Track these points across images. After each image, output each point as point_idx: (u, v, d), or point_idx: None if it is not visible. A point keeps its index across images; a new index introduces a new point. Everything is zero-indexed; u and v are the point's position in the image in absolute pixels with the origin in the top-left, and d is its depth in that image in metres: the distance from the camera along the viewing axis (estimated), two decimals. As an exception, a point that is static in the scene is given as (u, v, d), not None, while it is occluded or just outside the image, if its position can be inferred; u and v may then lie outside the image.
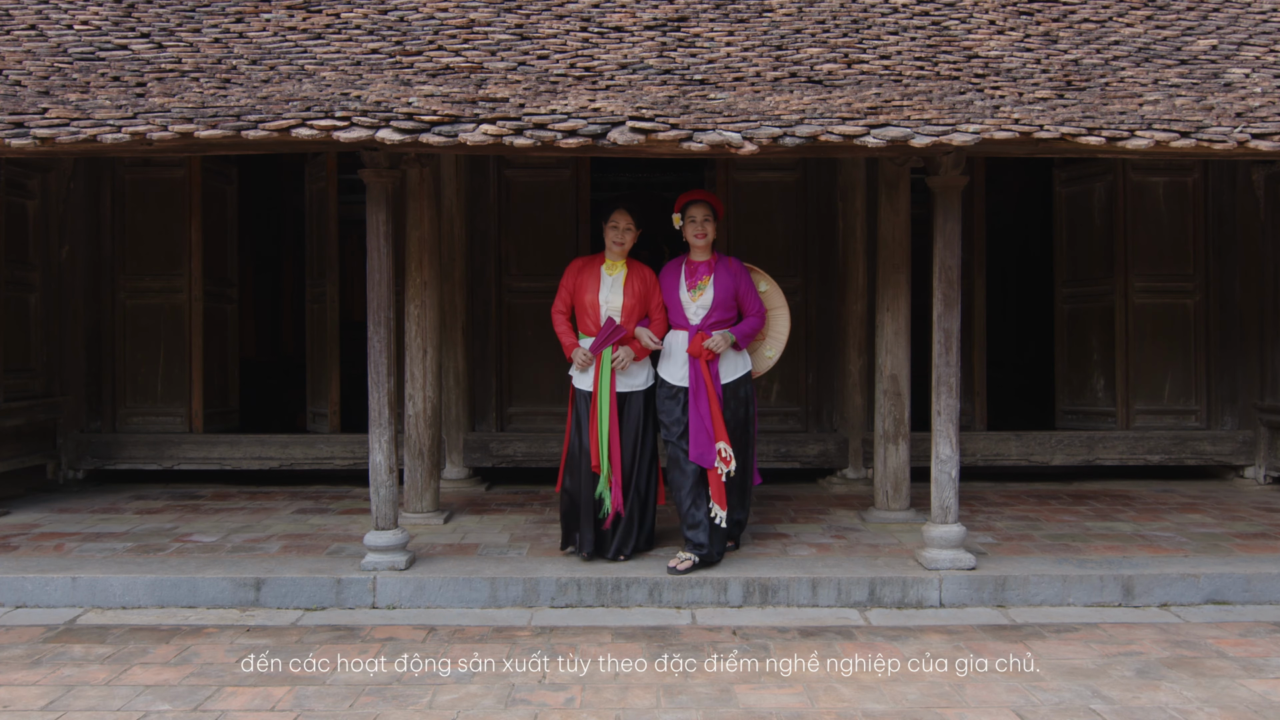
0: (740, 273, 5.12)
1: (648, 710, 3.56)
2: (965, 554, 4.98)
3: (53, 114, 5.01)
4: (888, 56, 6.01)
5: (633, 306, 5.05)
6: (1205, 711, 3.56)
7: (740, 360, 5.13)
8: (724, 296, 5.02)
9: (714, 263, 5.11)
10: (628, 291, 5.07)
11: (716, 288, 5.03)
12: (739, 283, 5.08)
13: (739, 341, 5.05)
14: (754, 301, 5.12)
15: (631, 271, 5.14)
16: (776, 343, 5.33)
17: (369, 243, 5.12)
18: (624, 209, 5.17)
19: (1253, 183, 7.25)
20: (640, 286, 5.09)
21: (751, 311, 5.11)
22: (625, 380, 5.06)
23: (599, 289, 5.09)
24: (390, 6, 6.59)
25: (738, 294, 5.06)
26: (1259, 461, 7.30)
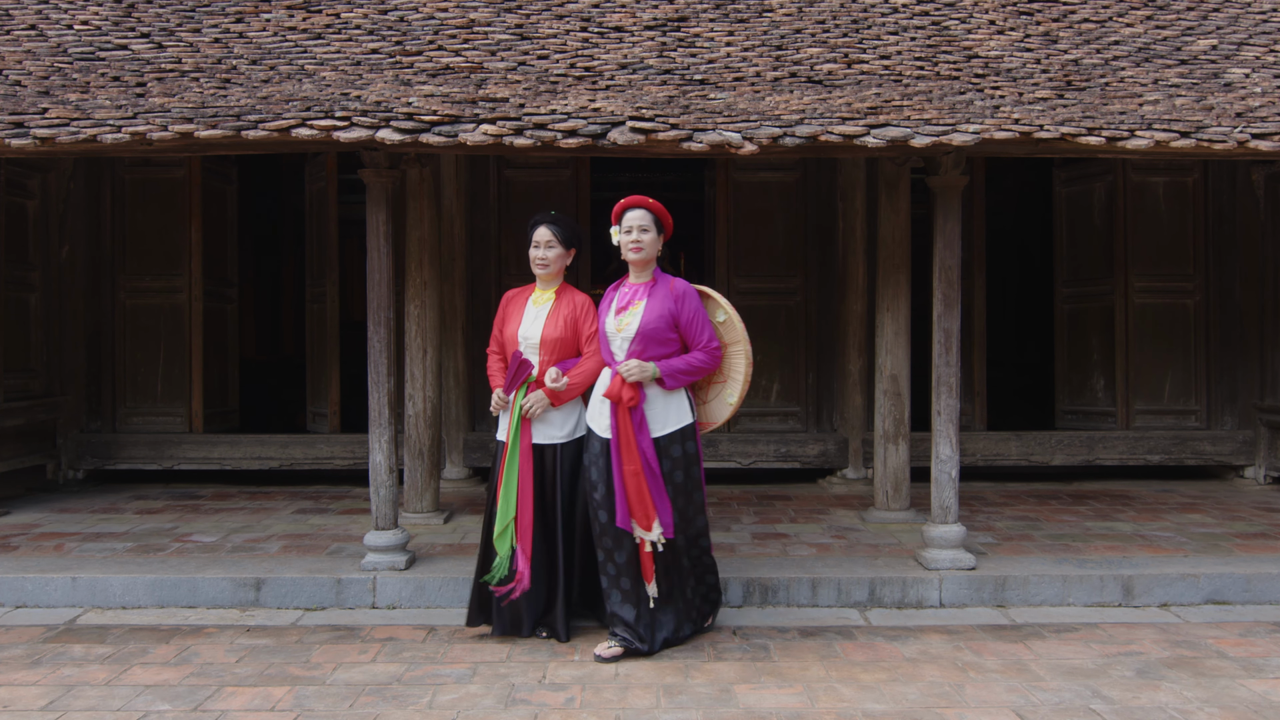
0: (685, 297, 4.12)
1: (648, 710, 3.56)
2: (965, 554, 4.98)
3: (53, 114, 5.01)
4: (888, 56, 6.01)
5: (555, 341, 4.23)
6: (1205, 711, 3.56)
7: (676, 407, 4.12)
8: (655, 325, 4.07)
9: (651, 285, 4.18)
10: (550, 323, 4.25)
11: (646, 314, 4.09)
12: (681, 308, 4.10)
13: (666, 378, 4.05)
14: (702, 332, 4.12)
15: (560, 300, 4.31)
16: (737, 385, 4.25)
17: (369, 243, 5.12)
18: (546, 224, 4.31)
19: (1253, 183, 7.25)
20: (569, 316, 4.26)
21: (698, 344, 4.12)
22: (543, 430, 4.24)
23: (521, 321, 4.31)
24: (390, 6, 6.59)
25: (677, 322, 4.10)
26: (1259, 461, 7.30)
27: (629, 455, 3.99)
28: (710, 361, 4.15)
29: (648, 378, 4.05)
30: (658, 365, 4.05)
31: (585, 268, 7.50)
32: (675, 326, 4.11)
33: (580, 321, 4.29)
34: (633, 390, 4.03)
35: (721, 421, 4.33)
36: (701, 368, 4.13)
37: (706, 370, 4.16)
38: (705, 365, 4.14)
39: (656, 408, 4.09)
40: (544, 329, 4.25)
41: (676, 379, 4.09)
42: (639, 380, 4.04)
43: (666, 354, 4.11)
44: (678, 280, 4.18)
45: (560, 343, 4.24)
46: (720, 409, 4.33)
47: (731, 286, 7.43)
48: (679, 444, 4.12)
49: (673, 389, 4.11)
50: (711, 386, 4.34)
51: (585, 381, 4.22)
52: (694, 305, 4.14)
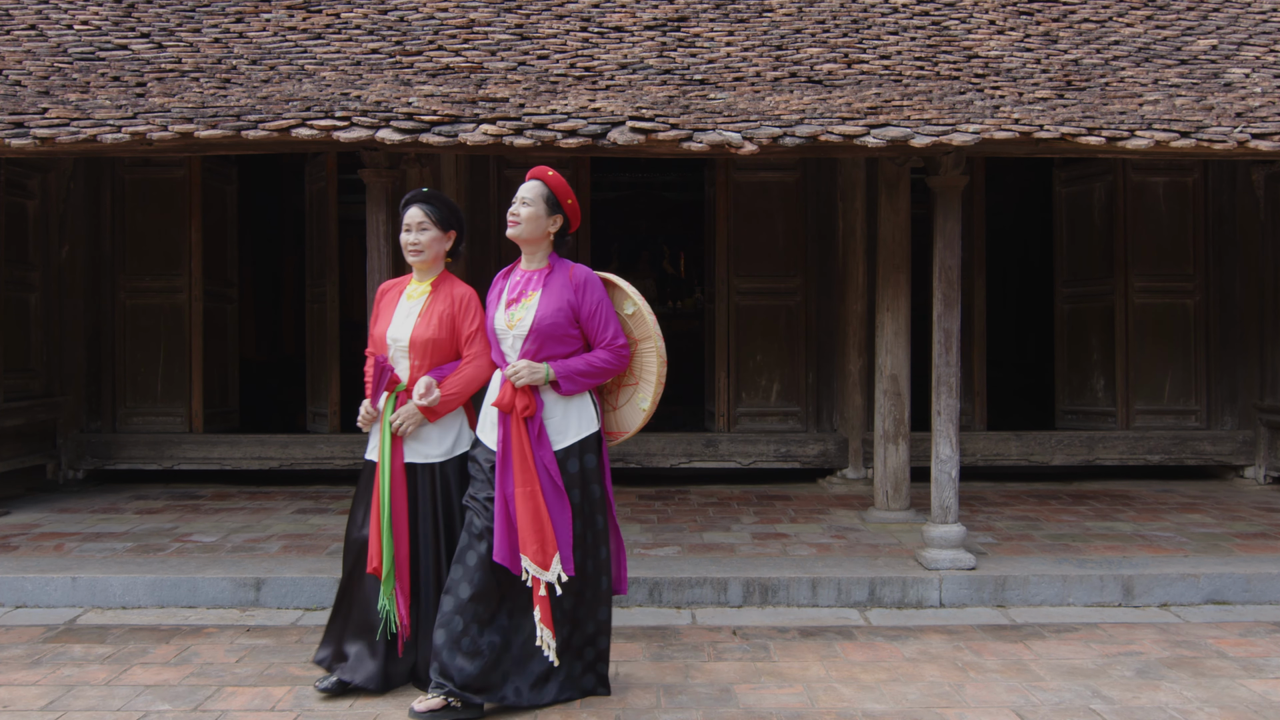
0: (586, 286, 3.52)
1: (648, 710, 3.56)
2: (965, 554, 4.98)
3: (53, 114, 5.01)
4: (888, 56, 6.01)
5: (428, 342, 3.60)
6: (1205, 711, 3.56)
7: (579, 415, 3.52)
8: (552, 320, 3.46)
9: (548, 272, 3.58)
10: (422, 322, 3.62)
11: (541, 307, 3.48)
12: (582, 300, 3.50)
13: (562, 382, 3.45)
14: (606, 327, 3.51)
15: (437, 293, 3.67)
16: (650, 388, 3.61)
17: (369, 243, 5.13)
18: (417, 203, 3.69)
19: (1253, 183, 7.25)
20: (446, 313, 3.63)
21: (603, 341, 3.50)
22: (416, 447, 3.62)
23: (391, 319, 3.70)
24: (390, 6, 6.59)
25: (578, 316, 3.50)
26: (1259, 461, 7.30)
27: (523, 473, 3.38)
28: (616, 361, 3.52)
29: (540, 381, 3.44)
30: (552, 366, 3.45)
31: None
32: (576, 321, 3.51)
33: (460, 318, 3.65)
34: (526, 397, 3.44)
35: (633, 431, 3.69)
36: (606, 369, 3.51)
37: (612, 372, 3.54)
38: (610, 366, 3.51)
39: (556, 417, 3.49)
40: (414, 328, 3.61)
41: (575, 383, 3.47)
42: (531, 385, 3.45)
43: (567, 353, 3.50)
44: (578, 267, 3.58)
45: (434, 344, 3.61)
46: (632, 415, 3.67)
47: (731, 286, 7.43)
48: (576, 457, 3.49)
49: (572, 394, 3.50)
50: (621, 390, 3.69)
51: (466, 390, 3.64)
52: (597, 296, 3.52)
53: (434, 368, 3.63)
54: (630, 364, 3.62)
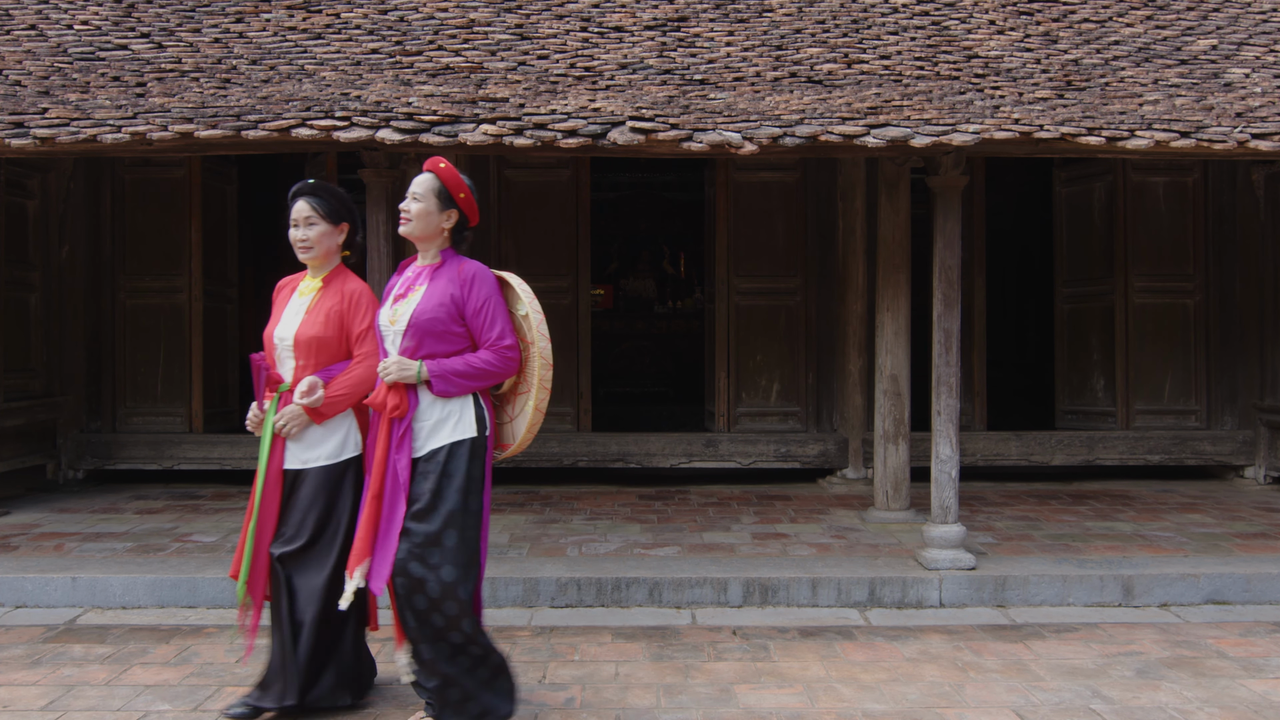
0: (473, 282, 3.29)
1: (648, 710, 3.56)
2: (965, 554, 4.98)
3: (53, 114, 5.01)
4: (888, 56, 6.01)
5: (314, 341, 3.40)
6: (1205, 711, 3.56)
7: (456, 419, 3.25)
8: (432, 315, 3.24)
9: (437, 266, 3.36)
10: (308, 319, 3.43)
11: (423, 301, 3.27)
12: (468, 295, 3.27)
13: (435, 381, 3.21)
14: (492, 327, 3.26)
15: (327, 290, 3.49)
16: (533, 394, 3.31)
17: (369, 243, 5.12)
18: (304, 196, 3.53)
19: (1253, 183, 7.25)
20: (335, 310, 3.44)
21: (487, 341, 3.26)
22: (299, 450, 3.41)
23: (281, 317, 3.52)
24: (390, 6, 6.59)
25: (463, 313, 3.27)
26: (1259, 461, 7.30)
27: (375, 476, 3.21)
28: (500, 364, 3.25)
29: (410, 378, 3.21)
30: (426, 365, 3.22)
31: (585, 267, 7.51)
32: (460, 318, 3.27)
33: (349, 316, 3.45)
34: (397, 396, 3.21)
35: (518, 443, 3.37)
36: (488, 370, 3.24)
37: (496, 374, 3.27)
38: (493, 368, 3.25)
39: (430, 419, 3.24)
40: (299, 326, 3.42)
41: (451, 383, 3.21)
42: (402, 382, 3.22)
43: (449, 352, 3.27)
44: (469, 262, 3.37)
45: (321, 343, 3.41)
46: (521, 425, 3.37)
47: (731, 286, 7.43)
48: (440, 462, 3.21)
49: (448, 395, 3.24)
50: (518, 398, 3.38)
51: (355, 391, 3.40)
52: (484, 293, 3.28)
53: (322, 368, 3.42)
54: (524, 369, 3.34)
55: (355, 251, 3.66)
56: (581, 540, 5.53)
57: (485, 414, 3.31)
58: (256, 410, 3.45)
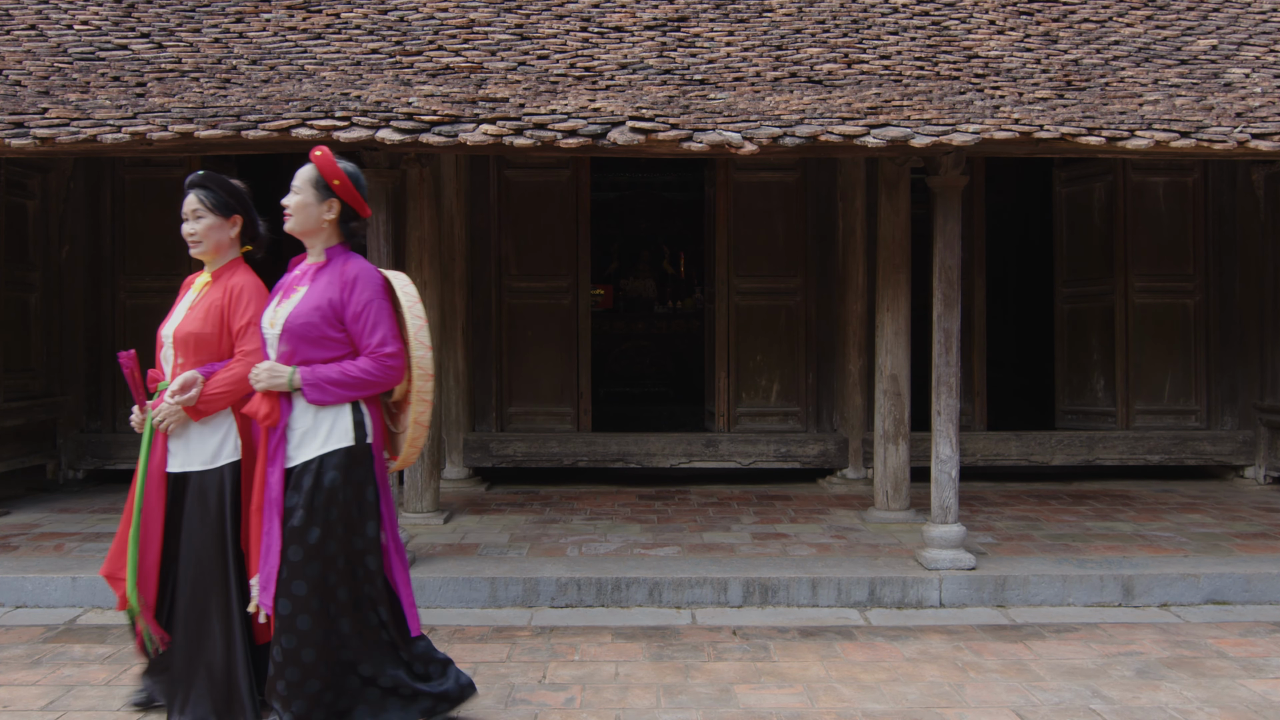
0: (355, 283, 3.10)
1: (648, 710, 3.56)
2: (965, 554, 4.98)
3: (53, 114, 5.01)
4: (888, 56, 6.01)
5: (194, 338, 3.28)
6: (1205, 711, 3.56)
7: (330, 428, 3.07)
8: (308, 319, 3.07)
9: (320, 266, 3.20)
10: (190, 315, 3.32)
11: (300, 304, 3.11)
12: (348, 298, 3.08)
13: (308, 389, 3.04)
14: (373, 333, 3.07)
15: (215, 284, 3.37)
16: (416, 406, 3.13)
17: (369, 243, 5.12)
18: (193, 189, 3.39)
19: (1253, 183, 7.25)
20: (217, 305, 3.30)
21: (367, 348, 3.08)
22: (180, 452, 3.29)
23: (173, 312, 3.43)
24: (390, 6, 6.59)
25: (342, 317, 3.08)
26: (1259, 461, 7.30)
27: (257, 489, 3.10)
28: (379, 372, 3.06)
29: (281, 386, 3.05)
30: (300, 372, 3.05)
31: (585, 267, 7.51)
32: (340, 323, 3.10)
33: (230, 311, 3.30)
34: (268, 404, 3.06)
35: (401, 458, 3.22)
36: (366, 379, 3.05)
37: (376, 383, 3.07)
38: (371, 377, 3.06)
39: (303, 428, 3.07)
40: (180, 323, 3.32)
41: (325, 391, 3.03)
42: (273, 390, 3.06)
43: (328, 358, 3.09)
44: (354, 263, 3.16)
45: (199, 340, 3.28)
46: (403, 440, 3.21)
47: (731, 286, 7.43)
48: (313, 474, 3.04)
49: (323, 404, 3.06)
50: (408, 408, 3.18)
51: (234, 390, 3.23)
52: (366, 295, 3.09)
53: (203, 365, 3.28)
54: (413, 377, 3.13)
55: (258, 246, 3.53)
56: (581, 540, 5.53)
57: (366, 420, 3.13)
58: (138, 410, 3.34)
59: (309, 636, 3.01)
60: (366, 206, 3.26)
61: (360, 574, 3.10)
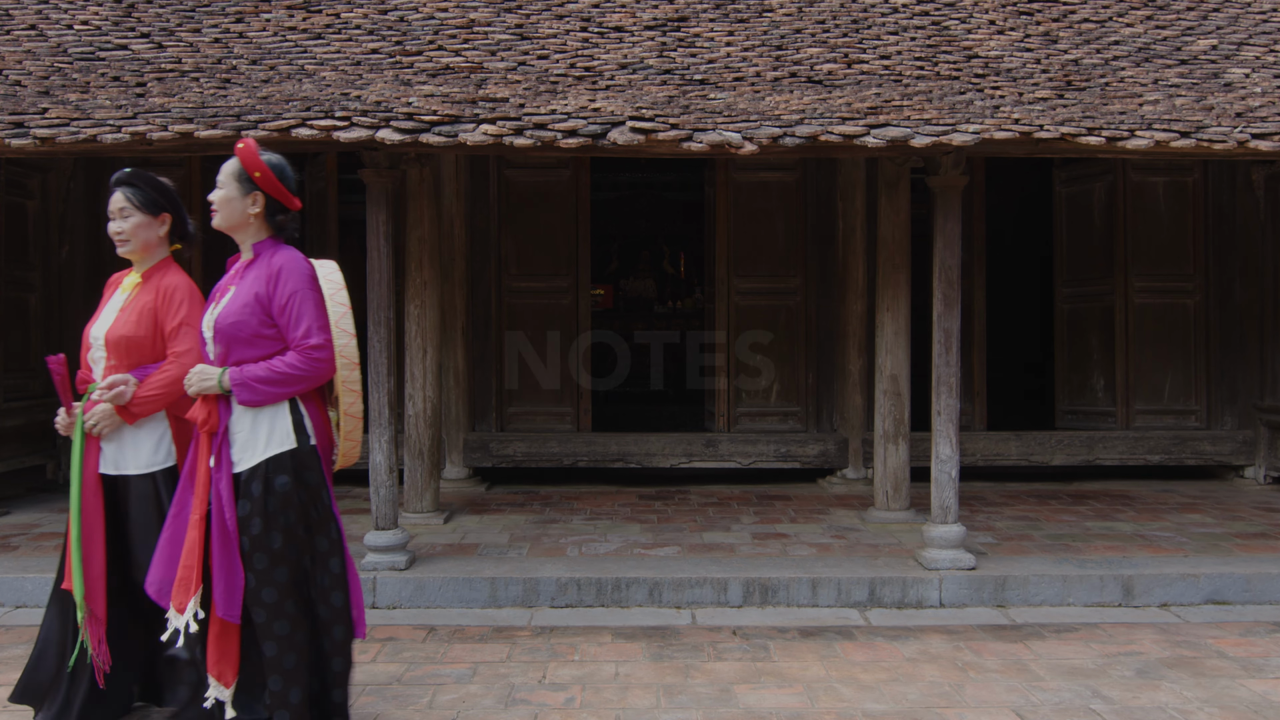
0: (280, 275, 3.00)
1: (648, 710, 3.56)
2: (965, 554, 4.98)
3: (53, 114, 5.01)
4: (888, 56, 6.01)
5: (125, 340, 3.19)
6: (1205, 711, 3.56)
7: (270, 429, 2.98)
8: (238, 317, 2.98)
9: (250, 262, 3.12)
10: (120, 316, 3.23)
11: (230, 301, 3.03)
12: (275, 291, 2.99)
13: (237, 390, 2.94)
14: (297, 325, 2.97)
15: (145, 284, 3.27)
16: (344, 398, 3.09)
17: (369, 243, 5.12)
18: (119, 187, 3.29)
19: (1253, 183, 7.25)
20: (149, 306, 3.21)
21: (293, 341, 2.97)
22: (114, 455, 3.20)
23: (101, 313, 3.33)
24: (390, 6, 6.59)
25: (270, 310, 2.98)
26: (1259, 461, 7.30)
27: (199, 498, 2.95)
28: (307, 366, 2.94)
29: (212, 389, 2.95)
30: (229, 372, 2.94)
31: (585, 267, 7.51)
32: (269, 318, 2.99)
33: (162, 312, 3.22)
34: (205, 409, 2.97)
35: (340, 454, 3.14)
36: (294, 375, 2.94)
37: (305, 378, 2.95)
38: (299, 372, 2.94)
39: (244, 431, 2.97)
40: (112, 325, 3.21)
41: (256, 392, 2.93)
42: (206, 393, 2.97)
43: (263, 357, 2.98)
44: (281, 253, 3.06)
45: (131, 343, 3.18)
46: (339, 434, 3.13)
47: (731, 286, 7.44)
48: (260, 480, 2.94)
49: (256, 404, 2.95)
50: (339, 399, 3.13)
51: (167, 392, 3.16)
52: (290, 287, 2.97)
53: (136, 368, 3.21)
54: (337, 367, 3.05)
55: (188, 245, 3.45)
56: (581, 540, 5.53)
57: (306, 421, 3.03)
58: (64, 414, 3.22)
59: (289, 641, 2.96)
60: (293, 198, 3.14)
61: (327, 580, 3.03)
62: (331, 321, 3.03)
